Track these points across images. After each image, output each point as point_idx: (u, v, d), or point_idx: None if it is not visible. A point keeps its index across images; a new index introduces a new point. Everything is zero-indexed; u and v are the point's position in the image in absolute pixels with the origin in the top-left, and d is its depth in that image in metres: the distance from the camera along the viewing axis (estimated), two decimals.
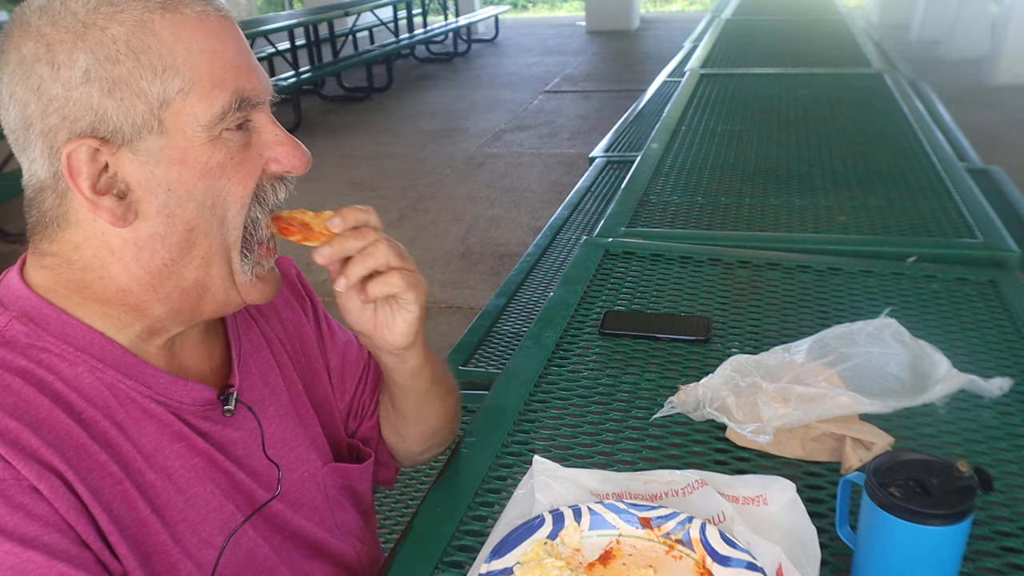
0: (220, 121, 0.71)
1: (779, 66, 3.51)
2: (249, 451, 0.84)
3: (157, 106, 0.69)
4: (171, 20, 0.69)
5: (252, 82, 0.74)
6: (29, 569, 0.62)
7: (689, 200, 1.96)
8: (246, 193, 0.75)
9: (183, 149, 0.71)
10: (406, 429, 1.04)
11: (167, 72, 0.69)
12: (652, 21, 13.38)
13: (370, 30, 9.88)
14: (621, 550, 0.84)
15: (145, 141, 0.70)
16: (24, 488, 0.64)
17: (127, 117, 0.69)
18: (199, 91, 0.70)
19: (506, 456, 1.06)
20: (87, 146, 0.68)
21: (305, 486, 0.91)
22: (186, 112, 0.70)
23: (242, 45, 0.75)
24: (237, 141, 0.73)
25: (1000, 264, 1.57)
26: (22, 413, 0.67)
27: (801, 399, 1.03)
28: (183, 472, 0.77)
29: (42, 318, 0.72)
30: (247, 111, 0.74)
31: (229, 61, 0.72)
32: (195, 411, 0.79)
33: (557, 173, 5.67)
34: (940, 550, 0.76)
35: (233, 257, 0.77)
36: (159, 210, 0.72)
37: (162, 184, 0.71)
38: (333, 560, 0.93)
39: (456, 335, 2.29)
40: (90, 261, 0.73)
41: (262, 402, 0.88)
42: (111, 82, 0.68)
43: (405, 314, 0.87)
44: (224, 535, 0.79)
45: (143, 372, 0.75)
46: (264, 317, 0.94)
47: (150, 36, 0.69)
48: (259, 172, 0.76)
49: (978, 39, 8.41)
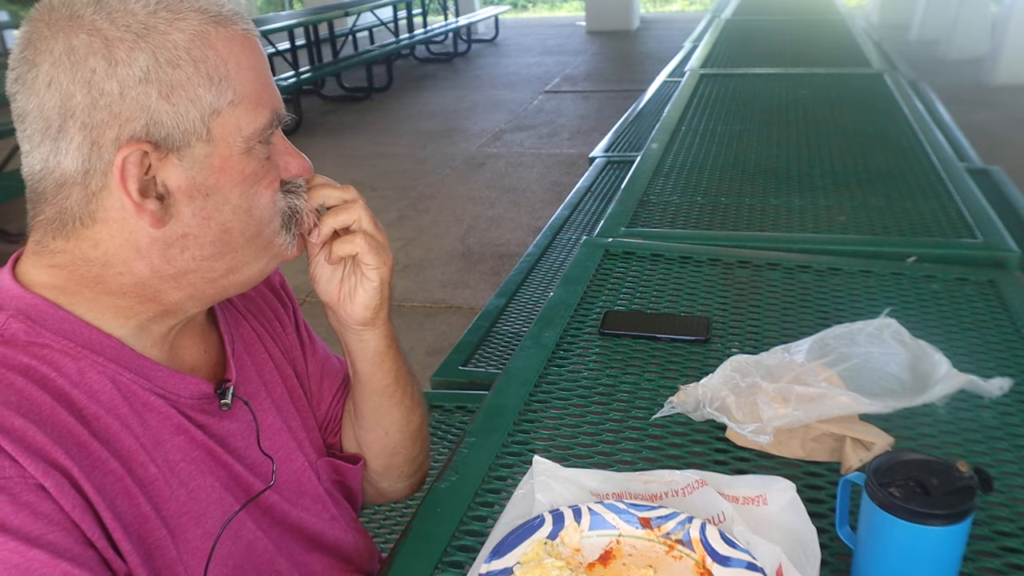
0: (259, 134, 0.75)
1: (779, 66, 3.51)
2: (246, 444, 0.85)
3: (208, 114, 0.71)
4: (224, 35, 0.72)
5: (280, 102, 0.79)
6: (33, 568, 0.62)
7: (689, 200, 1.96)
8: (273, 192, 0.79)
9: (224, 158, 0.73)
10: (364, 435, 1.02)
11: (223, 83, 0.71)
12: (652, 21, 13.38)
13: (370, 30, 9.87)
14: (621, 550, 0.84)
15: (192, 148, 0.71)
16: (30, 486, 0.64)
17: (179, 123, 0.70)
18: (246, 105, 0.73)
19: (506, 456, 1.06)
20: (140, 150, 0.69)
21: (301, 478, 0.92)
22: (231, 123, 0.73)
23: (269, 67, 0.79)
24: (264, 152, 0.77)
25: (1000, 264, 1.57)
26: (27, 410, 0.67)
27: (801, 399, 1.03)
28: (184, 465, 0.77)
29: (39, 315, 0.72)
30: (278, 127, 0.79)
31: (267, 81, 0.77)
32: (193, 404, 0.80)
33: (557, 173, 5.67)
34: (940, 550, 0.76)
35: (274, 241, 0.80)
36: (195, 212, 0.73)
37: (201, 190, 0.73)
38: (331, 551, 0.94)
39: (456, 335, 2.29)
40: (111, 258, 0.73)
41: (257, 396, 0.89)
42: (170, 86, 0.69)
43: (367, 283, 0.89)
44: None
45: (142, 365, 0.76)
46: (253, 314, 0.95)
47: (208, 47, 0.71)
48: (280, 176, 0.80)
49: (978, 39, 8.41)
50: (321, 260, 0.90)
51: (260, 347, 0.93)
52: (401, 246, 4.52)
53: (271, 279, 1.02)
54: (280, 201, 0.80)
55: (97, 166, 0.69)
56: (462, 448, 1.08)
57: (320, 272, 0.91)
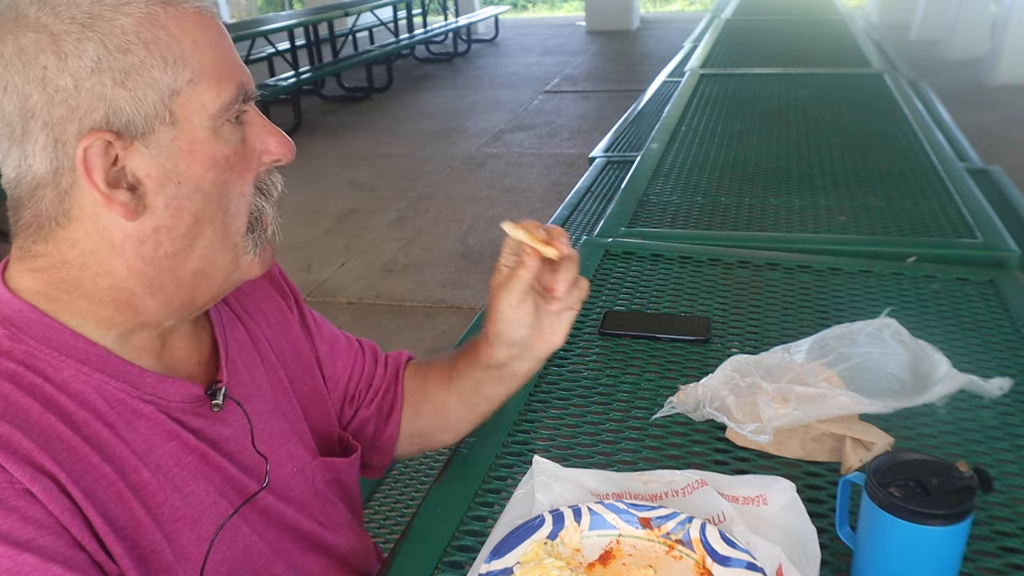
0: (225, 111, 0.73)
1: (779, 66, 3.51)
2: (240, 446, 0.84)
3: (168, 95, 0.70)
4: (175, 14, 0.71)
5: (247, 76, 0.76)
6: (24, 572, 0.62)
7: (689, 200, 1.96)
8: (246, 183, 0.77)
9: (192, 141, 0.72)
10: (461, 411, 1.06)
11: (178, 63, 0.70)
12: (652, 21, 13.38)
13: (370, 30, 9.88)
14: (621, 550, 0.84)
15: (157, 134, 0.70)
16: (18, 491, 0.64)
17: (139, 108, 0.69)
18: (207, 82, 0.72)
19: (506, 456, 1.06)
20: (102, 140, 0.68)
21: (295, 481, 0.91)
22: (194, 102, 0.71)
23: (231, 42, 0.78)
24: (236, 134, 0.76)
25: (1000, 264, 1.57)
26: (12, 416, 0.66)
27: (801, 399, 1.03)
28: (177, 470, 0.76)
29: (24, 323, 0.72)
30: (246, 104, 0.76)
31: (229, 56, 0.75)
32: (184, 408, 0.79)
33: (557, 173, 5.67)
34: (940, 550, 0.76)
35: (238, 243, 0.79)
36: (167, 203, 0.72)
37: (172, 177, 0.72)
38: (327, 553, 0.94)
39: (456, 335, 2.30)
40: (87, 258, 0.72)
41: (250, 398, 0.88)
42: (123, 72, 0.68)
43: (569, 314, 0.93)
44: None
45: (129, 372, 0.75)
46: (249, 315, 0.94)
47: (158, 28, 0.69)
48: (256, 164, 0.78)
49: (978, 39, 8.41)
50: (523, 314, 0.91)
51: (253, 350, 0.92)
52: (401, 246, 4.52)
53: (270, 270, 1.00)
54: (251, 197, 0.78)
55: (65, 163, 0.69)
56: (462, 448, 1.08)
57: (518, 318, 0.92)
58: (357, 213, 5.07)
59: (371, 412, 1.06)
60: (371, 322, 3.72)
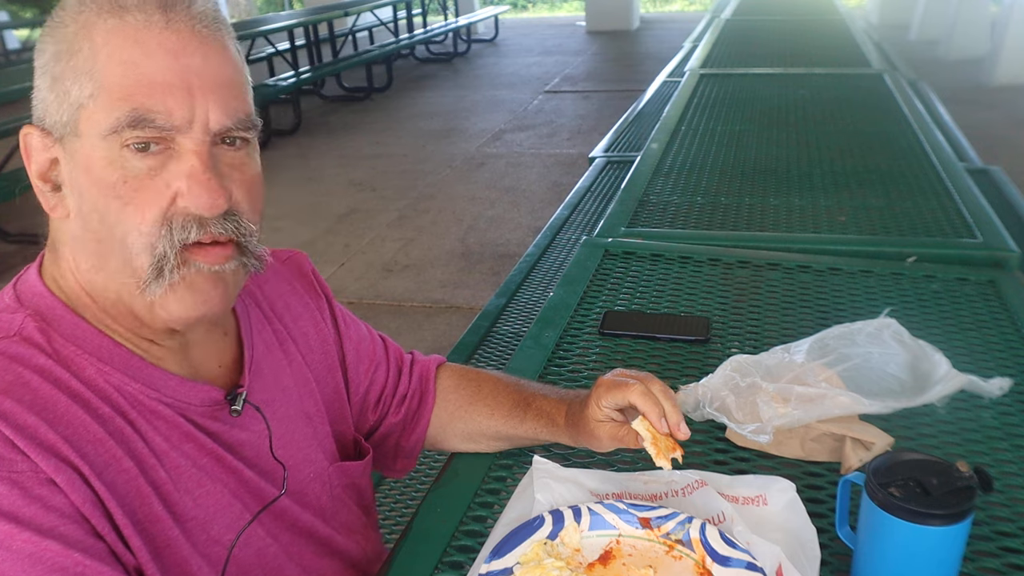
0: (112, 134, 0.68)
1: (779, 66, 3.51)
2: (257, 452, 0.85)
3: (76, 107, 0.70)
4: (110, 25, 0.69)
5: (169, 104, 0.68)
6: (46, 558, 0.64)
7: (689, 200, 1.96)
8: (145, 221, 0.70)
9: (88, 158, 0.70)
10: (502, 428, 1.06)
11: (84, 76, 0.69)
12: (652, 21, 13.38)
13: (370, 30, 9.87)
14: (621, 550, 0.84)
15: (69, 142, 0.72)
16: (41, 480, 0.66)
17: (58, 114, 0.71)
18: (104, 100, 0.68)
19: (506, 456, 1.06)
20: (37, 133, 0.72)
21: (311, 486, 0.91)
22: (92, 120, 0.69)
23: (187, 64, 0.69)
24: (139, 165, 0.69)
25: (1000, 264, 1.56)
26: (40, 408, 0.68)
27: (801, 399, 1.03)
28: (192, 472, 0.77)
29: (55, 319, 0.74)
30: (151, 132, 0.68)
31: (146, 76, 0.68)
32: (203, 412, 0.80)
33: (557, 173, 5.67)
34: (940, 550, 0.76)
35: (144, 278, 0.71)
36: (76, 212, 0.73)
37: (76, 187, 0.72)
38: (340, 557, 0.94)
39: (456, 335, 2.29)
40: (62, 250, 0.76)
41: (272, 403, 0.88)
42: (54, 77, 0.71)
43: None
44: (233, 533, 0.80)
45: (150, 375, 0.76)
46: (278, 316, 0.94)
47: (85, 39, 0.70)
48: (165, 203, 0.70)
49: (978, 39, 8.40)
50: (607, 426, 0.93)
51: (280, 352, 0.92)
52: (401, 246, 4.52)
53: (302, 268, 1.00)
54: (153, 237, 0.70)
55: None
56: None
57: (608, 434, 0.93)
58: (357, 213, 5.07)
59: (399, 419, 1.07)
60: (371, 322, 3.66)
